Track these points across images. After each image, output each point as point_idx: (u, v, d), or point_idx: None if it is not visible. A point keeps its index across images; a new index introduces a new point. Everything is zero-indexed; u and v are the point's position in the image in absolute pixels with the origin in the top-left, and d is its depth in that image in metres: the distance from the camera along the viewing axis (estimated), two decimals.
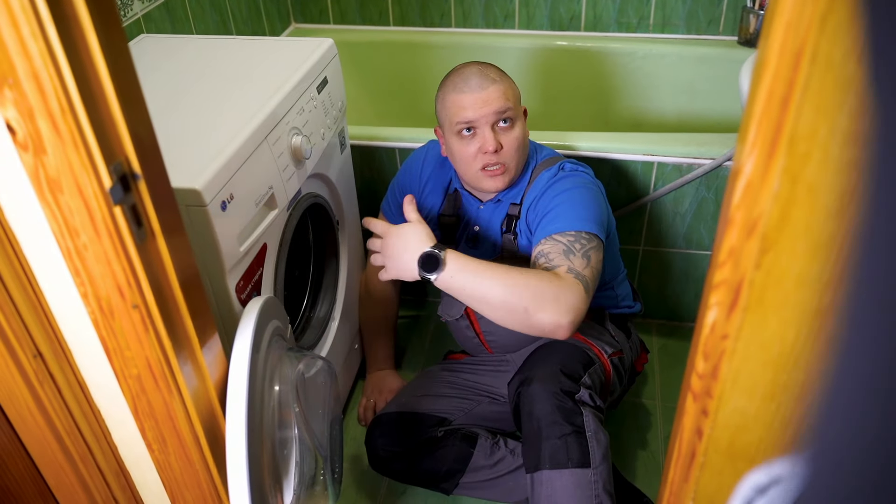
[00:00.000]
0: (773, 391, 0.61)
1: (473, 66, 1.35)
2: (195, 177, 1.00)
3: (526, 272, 1.20)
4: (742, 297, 0.58)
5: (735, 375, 0.61)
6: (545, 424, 1.22)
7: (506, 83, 1.34)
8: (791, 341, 0.57)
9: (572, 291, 1.18)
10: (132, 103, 0.71)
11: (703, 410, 0.70)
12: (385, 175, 1.81)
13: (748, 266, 0.56)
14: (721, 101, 2.12)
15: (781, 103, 0.50)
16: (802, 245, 0.51)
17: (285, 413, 1.06)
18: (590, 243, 1.27)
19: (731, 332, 0.61)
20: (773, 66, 0.50)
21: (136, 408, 0.89)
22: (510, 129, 1.33)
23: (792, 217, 0.50)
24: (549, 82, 2.25)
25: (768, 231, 0.52)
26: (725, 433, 0.66)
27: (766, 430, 0.64)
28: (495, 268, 1.21)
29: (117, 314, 0.79)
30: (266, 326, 1.03)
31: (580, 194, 1.33)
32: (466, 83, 1.32)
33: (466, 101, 1.31)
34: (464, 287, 1.21)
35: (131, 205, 0.73)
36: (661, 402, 1.77)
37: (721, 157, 1.58)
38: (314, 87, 1.35)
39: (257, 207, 1.14)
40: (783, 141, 0.49)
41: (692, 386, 0.72)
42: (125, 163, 0.72)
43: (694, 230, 1.75)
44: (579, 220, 1.28)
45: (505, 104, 1.31)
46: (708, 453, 0.69)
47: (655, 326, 1.97)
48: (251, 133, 1.12)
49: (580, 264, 1.23)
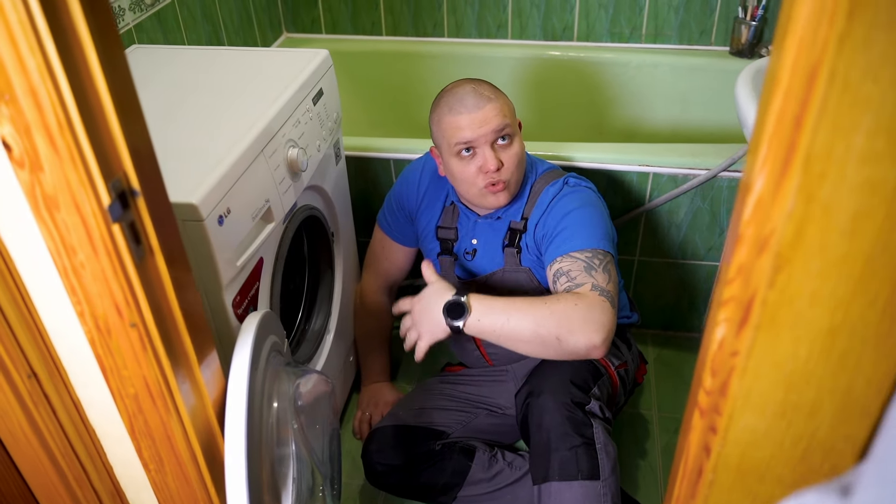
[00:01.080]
0: (784, 409, 0.60)
1: (466, 84, 1.34)
2: (191, 191, 0.99)
3: (549, 300, 1.19)
4: (754, 314, 0.57)
5: (746, 393, 0.61)
6: (555, 436, 1.22)
7: (501, 100, 1.33)
8: (803, 359, 0.56)
9: (599, 309, 1.18)
10: (131, 118, 0.70)
11: (710, 427, 0.69)
12: (380, 186, 1.80)
13: (760, 284, 0.55)
14: (713, 111, 2.13)
15: (794, 122, 0.49)
16: (816, 264, 0.51)
17: (283, 430, 1.05)
18: (606, 259, 1.27)
19: (742, 349, 0.60)
20: (786, 84, 0.49)
21: (132, 427, 0.87)
22: (509, 146, 1.33)
23: (806, 236, 0.50)
24: (543, 93, 2.25)
25: (782, 249, 0.51)
26: (735, 450, 0.65)
27: (777, 448, 0.63)
28: (518, 302, 1.21)
29: (115, 333, 0.77)
30: (264, 342, 1.02)
31: (590, 212, 1.32)
32: (462, 103, 1.30)
33: (463, 121, 1.30)
34: (493, 328, 1.21)
35: (130, 222, 0.72)
36: (658, 412, 1.76)
37: (716, 168, 1.58)
38: (310, 98, 1.34)
39: (254, 221, 1.13)
40: (798, 160, 0.49)
41: (699, 402, 0.71)
42: (124, 179, 0.70)
43: (689, 240, 1.75)
44: (594, 238, 1.28)
45: (503, 121, 1.30)
46: (717, 470, 0.68)
47: (651, 336, 1.97)
48: (248, 146, 1.11)
49: (603, 280, 1.23)
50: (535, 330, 1.18)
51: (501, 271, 1.44)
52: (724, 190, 1.64)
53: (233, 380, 0.92)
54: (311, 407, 1.11)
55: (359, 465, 1.56)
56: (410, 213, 1.57)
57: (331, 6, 2.28)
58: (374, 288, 1.71)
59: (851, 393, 0.57)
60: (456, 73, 2.24)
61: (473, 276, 1.49)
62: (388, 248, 1.65)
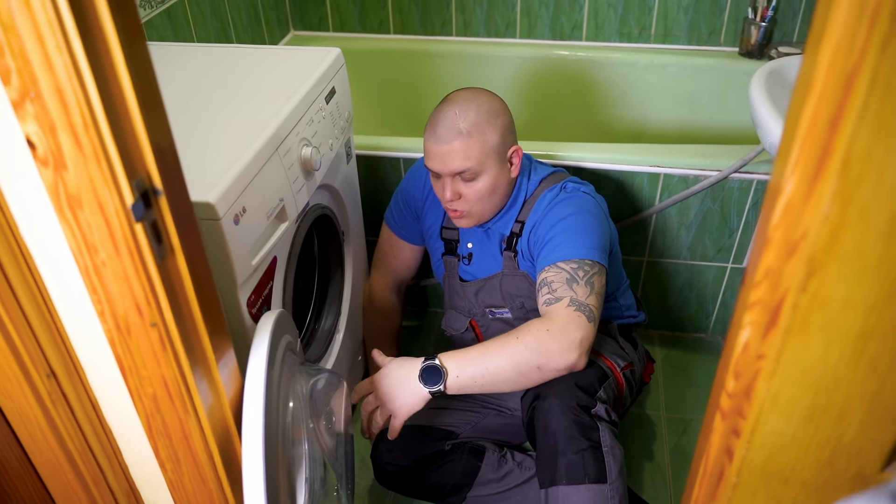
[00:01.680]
0: (813, 413, 0.60)
1: (451, 108, 1.28)
2: (208, 190, 0.98)
3: (519, 333, 1.22)
4: (783, 318, 0.57)
5: (774, 397, 0.60)
6: (561, 439, 1.21)
7: (473, 138, 1.26)
8: (833, 364, 0.56)
9: (574, 326, 1.21)
10: (155, 117, 0.70)
11: (733, 430, 0.69)
12: (389, 185, 1.80)
13: (791, 287, 0.55)
14: (722, 112, 2.13)
15: (830, 125, 0.49)
16: (851, 268, 0.51)
17: (297, 430, 1.05)
18: (592, 269, 1.27)
19: (769, 352, 0.60)
20: (820, 87, 0.49)
21: (150, 427, 0.87)
22: (472, 182, 1.31)
23: (842, 240, 0.50)
24: (551, 92, 2.25)
25: (816, 253, 0.51)
26: (760, 454, 0.65)
27: (803, 452, 0.63)
28: (489, 347, 1.23)
29: (134, 332, 0.77)
30: (279, 342, 1.02)
31: (581, 220, 1.32)
32: (434, 129, 1.28)
33: (430, 148, 1.29)
34: (474, 380, 1.22)
35: (152, 221, 0.72)
36: (666, 412, 1.76)
37: (727, 170, 1.58)
38: (322, 97, 1.34)
39: (268, 220, 1.12)
40: (834, 163, 0.48)
41: (721, 404, 0.71)
42: (147, 178, 0.70)
43: (698, 241, 1.75)
44: (582, 247, 1.29)
45: (462, 165, 1.27)
46: (741, 473, 0.68)
47: (658, 337, 1.97)
48: (262, 145, 1.10)
49: (583, 293, 1.24)
50: (515, 368, 1.21)
51: (500, 275, 1.44)
52: (734, 191, 1.64)
53: (250, 379, 0.91)
54: (324, 407, 1.11)
55: (367, 464, 1.56)
56: (416, 211, 1.57)
57: (338, 4, 2.28)
58: (383, 286, 1.71)
59: (881, 397, 0.57)
60: (464, 72, 2.25)
61: (474, 278, 1.49)
62: (395, 247, 1.65)
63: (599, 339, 1.43)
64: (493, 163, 1.31)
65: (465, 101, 1.29)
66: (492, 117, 1.29)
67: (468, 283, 1.50)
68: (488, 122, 1.28)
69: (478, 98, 1.30)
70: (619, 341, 1.46)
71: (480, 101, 1.30)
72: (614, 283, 1.50)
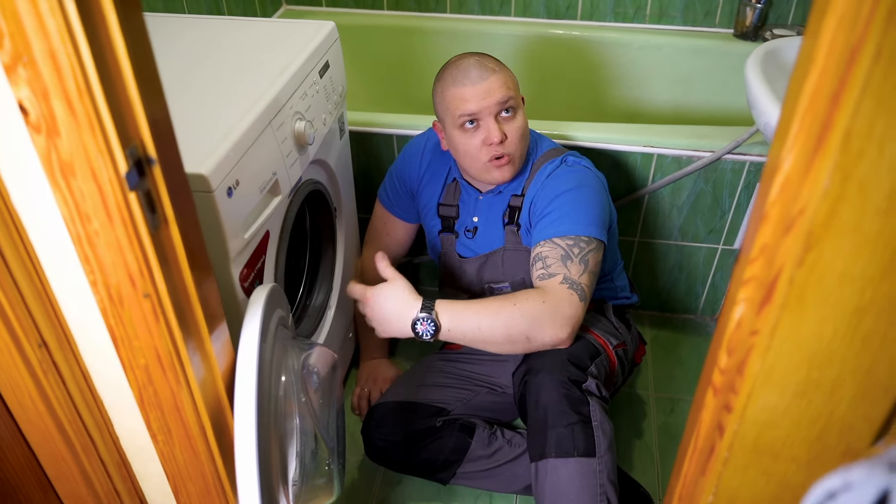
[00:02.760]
0: (805, 388, 0.61)
1: (471, 57, 1.34)
2: (201, 162, 0.97)
3: (518, 300, 1.23)
4: (778, 294, 0.57)
5: (768, 372, 0.61)
6: (552, 413, 1.22)
7: (505, 72, 1.33)
8: (828, 339, 0.57)
9: (566, 303, 1.23)
10: (149, 85, 0.69)
11: (725, 405, 0.70)
12: (382, 162, 1.79)
13: (787, 263, 0.55)
14: (716, 93, 2.13)
15: (831, 100, 0.49)
16: (849, 243, 0.51)
17: (289, 404, 1.05)
18: (589, 246, 1.28)
19: (763, 328, 0.60)
20: (822, 61, 0.49)
21: (141, 398, 0.87)
22: (513, 119, 1.32)
23: (840, 215, 0.50)
24: (544, 71, 2.24)
25: (814, 228, 0.51)
26: (752, 429, 0.66)
27: (795, 427, 0.64)
28: (486, 306, 1.24)
29: (127, 303, 0.77)
30: (272, 315, 1.01)
31: (582, 195, 1.32)
32: (466, 75, 1.30)
33: (468, 93, 1.29)
34: (464, 335, 1.25)
35: (146, 190, 0.71)
36: (655, 392, 1.78)
37: (721, 150, 1.58)
38: (316, 71, 1.32)
39: (262, 194, 1.12)
40: (834, 138, 0.48)
41: (713, 381, 0.72)
42: (141, 147, 0.69)
43: (690, 222, 1.75)
44: (580, 223, 1.29)
45: (507, 93, 1.30)
46: (733, 448, 0.68)
47: (648, 317, 1.98)
48: (256, 117, 1.09)
49: (576, 271, 1.25)
50: (506, 332, 1.23)
51: (502, 250, 1.44)
52: (727, 172, 1.65)
53: (242, 352, 0.91)
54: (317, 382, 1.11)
55: (357, 440, 1.57)
56: (412, 189, 1.56)
57: None
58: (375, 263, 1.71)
59: (874, 372, 0.57)
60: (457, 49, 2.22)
61: (475, 255, 1.49)
62: (388, 224, 1.65)
63: (592, 316, 1.44)
64: (520, 101, 1.36)
65: (476, 53, 1.35)
66: (502, 62, 1.36)
67: (468, 259, 1.50)
68: (503, 64, 1.36)
69: (481, 54, 1.36)
70: (613, 321, 1.47)
71: (485, 54, 1.36)
72: (611, 261, 1.51)
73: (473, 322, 1.23)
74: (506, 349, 1.26)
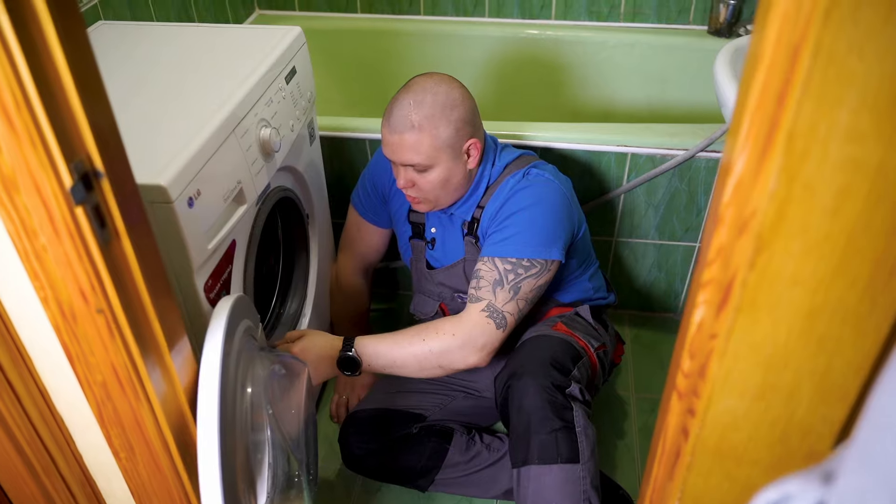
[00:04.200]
0: (763, 391, 0.60)
1: (406, 97, 1.25)
2: (160, 172, 0.96)
3: (427, 335, 1.29)
4: (733, 296, 0.56)
5: (725, 375, 0.60)
6: (535, 419, 1.22)
7: (424, 132, 1.24)
8: (783, 341, 0.56)
9: (479, 332, 1.27)
10: (93, 96, 0.67)
11: (688, 409, 0.69)
12: (355, 166, 1.78)
13: (740, 265, 0.54)
14: (691, 90, 2.13)
15: (777, 99, 0.48)
16: (798, 244, 0.50)
17: (258, 415, 1.03)
18: (528, 272, 1.28)
19: (721, 331, 0.60)
20: (769, 59, 0.48)
21: (101, 415, 0.85)
22: (425, 173, 1.30)
23: (788, 216, 0.49)
24: (519, 72, 2.23)
25: (763, 231, 0.51)
26: (714, 433, 0.65)
27: (755, 430, 0.63)
28: (399, 342, 1.30)
29: (80, 319, 0.75)
30: (237, 326, 1.00)
31: (536, 213, 1.30)
32: (389, 118, 1.27)
33: (384, 136, 1.29)
34: (384, 369, 1.32)
35: (94, 205, 0.70)
36: (635, 393, 1.77)
37: (694, 148, 1.58)
38: (282, 76, 1.31)
39: (225, 203, 1.10)
40: (779, 138, 0.48)
41: (677, 385, 0.71)
42: (87, 160, 0.68)
43: (667, 221, 1.75)
44: (528, 245, 1.28)
45: (411, 158, 1.26)
46: (695, 453, 0.68)
47: (628, 317, 1.97)
48: (218, 125, 1.08)
49: (503, 298, 1.28)
50: (419, 365, 1.29)
51: (463, 261, 1.43)
52: (701, 170, 1.64)
53: (205, 365, 0.90)
54: (286, 391, 1.10)
55: (336, 449, 1.55)
56: (384, 193, 1.55)
57: None
58: (350, 269, 1.70)
59: (830, 375, 0.57)
60: (431, 52, 2.22)
61: (440, 265, 1.48)
62: (362, 230, 1.63)
63: (571, 319, 1.44)
64: (445, 156, 1.28)
65: (423, 90, 1.26)
66: (447, 110, 1.25)
67: (435, 269, 1.49)
68: (442, 114, 1.25)
69: (436, 88, 1.26)
70: (591, 322, 1.46)
71: (438, 91, 1.26)
72: (581, 264, 1.50)
73: (388, 358, 1.30)
74: (427, 376, 1.32)
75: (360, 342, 1.31)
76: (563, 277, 1.44)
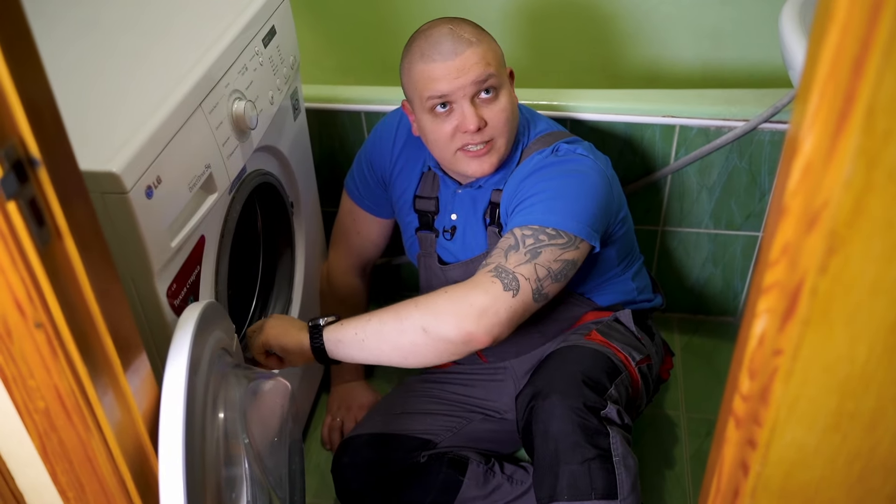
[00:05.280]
0: (838, 421, 0.59)
1: (443, 25, 1.30)
2: (111, 157, 0.96)
3: (419, 298, 1.25)
4: (801, 305, 0.55)
5: (792, 401, 0.59)
6: (564, 447, 1.21)
7: (485, 44, 1.30)
8: (862, 360, 0.55)
9: (478, 291, 1.20)
10: (26, 68, 0.67)
11: (748, 440, 0.68)
12: (349, 144, 1.78)
13: (809, 268, 0.53)
14: (752, 48, 2.13)
15: (854, 66, 0.47)
16: (880, 244, 0.49)
17: (233, 446, 1.04)
18: (552, 240, 1.25)
19: (786, 347, 0.59)
20: (843, 17, 0.47)
21: (44, 448, 0.85)
22: (494, 101, 1.30)
23: (868, 210, 0.48)
24: (544, 29, 2.23)
25: (837, 227, 0.50)
26: (779, 470, 0.64)
27: (829, 468, 0.62)
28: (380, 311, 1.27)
29: (16, 335, 0.75)
30: (207, 339, 1.01)
31: (565, 184, 1.30)
32: (436, 48, 1.28)
33: (438, 70, 1.27)
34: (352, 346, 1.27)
35: (29, 199, 0.69)
36: (686, 412, 1.77)
37: (756, 119, 1.57)
38: (259, 39, 1.32)
39: (191, 192, 1.11)
40: (857, 114, 0.47)
41: (734, 409, 0.70)
42: (19, 146, 0.68)
43: (723, 206, 1.74)
44: (551, 213, 1.26)
45: (485, 71, 1.28)
46: (756, 494, 0.67)
47: (677, 321, 1.97)
48: (181, 100, 1.08)
49: (515, 260, 1.23)
50: (398, 326, 1.23)
51: (484, 255, 1.42)
52: (765, 145, 1.63)
53: (167, 387, 0.90)
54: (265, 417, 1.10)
55: (329, 481, 1.56)
56: (384, 177, 1.55)
57: None
58: (344, 268, 1.70)
59: None
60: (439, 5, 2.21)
61: (456, 260, 1.48)
62: (358, 220, 1.64)
63: (608, 326, 1.43)
64: (506, 76, 1.34)
65: (450, 20, 1.32)
66: (484, 30, 1.34)
67: (449, 265, 1.48)
68: (485, 32, 1.33)
69: (459, 18, 1.33)
70: (634, 330, 1.45)
71: (462, 19, 1.33)
72: (623, 259, 1.49)
73: (361, 322, 1.26)
74: (409, 351, 1.24)
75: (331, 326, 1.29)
76: (600, 274, 1.44)
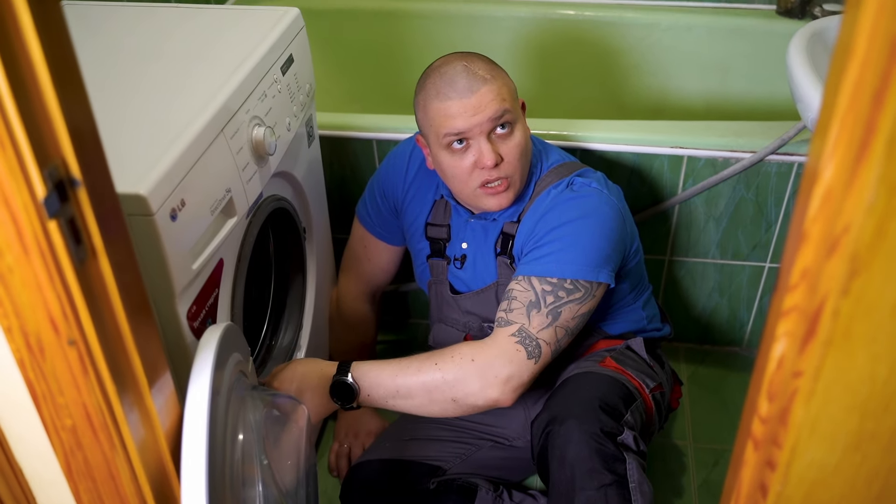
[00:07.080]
0: (859, 440, 0.61)
1: (457, 62, 1.31)
2: (138, 180, 0.98)
3: (441, 360, 1.29)
4: (822, 327, 0.57)
5: (813, 421, 0.61)
6: (581, 472, 1.21)
7: (500, 79, 1.32)
8: (882, 381, 0.57)
9: (504, 360, 1.27)
10: (72, 93, 0.69)
11: (767, 462, 0.70)
12: (360, 171, 1.80)
13: (830, 291, 0.55)
14: (758, 82, 2.15)
15: (874, 98, 0.50)
16: None
17: (249, 467, 1.04)
18: (570, 296, 1.28)
19: (807, 368, 0.61)
20: (863, 52, 0.50)
21: (69, 466, 0.86)
22: (510, 136, 1.32)
23: (890, 234, 0.50)
24: (552, 60, 2.25)
25: (860, 250, 0.52)
26: (799, 490, 0.66)
27: (849, 488, 0.64)
28: (409, 367, 1.30)
29: (49, 352, 0.77)
30: (227, 361, 1.02)
31: (582, 227, 1.32)
32: (451, 86, 1.29)
33: (454, 108, 1.28)
34: (386, 401, 1.31)
35: (69, 217, 0.71)
36: (694, 442, 1.77)
37: (763, 150, 1.59)
38: (277, 67, 1.34)
39: (213, 216, 1.12)
40: (879, 143, 0.49)
41: (753, 432, 0.72)
42: (62, 166, 0.70)
43: (730, 236, 1.76)
44: (572, 263, 1.29)
45: (501, 107, 1.29)
46: None
47: (684, 351, 1.98)
48: (205, 125, 1.10)
49: (538, 323, 1.27)
50: (428, 396, 1.28)
51: (496, 285, 1.44)
52: (772, 177, 1.65)
53: (190, 408, 0.91)
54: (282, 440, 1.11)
55: None
56: (396, 204, 1.57)
57: None
58: (354, 294, 1.71)
59: None
60: (448, 36, 2.25)
61: (468, 289, 1.49)
62: (369, 247, 1.65)
63: (622, 354, 1.44)
64: (519, 109, 1.37)
65: (463, 56, 1.33)
66: (497, 64, 1.36)
67: (461, 295, 1.50)
68: (498, 67, 1.35)
69: (472, 53, 1.35)
70: (646, 358, 1.47)
71: (475, 54, 1.35)
72: (634, 288, 1.50)
73: (391, 386, 1.29)
74: (437, 414, 1.32)
75: (359, 367, 1.30)
76: (612, 304, 1.45)
